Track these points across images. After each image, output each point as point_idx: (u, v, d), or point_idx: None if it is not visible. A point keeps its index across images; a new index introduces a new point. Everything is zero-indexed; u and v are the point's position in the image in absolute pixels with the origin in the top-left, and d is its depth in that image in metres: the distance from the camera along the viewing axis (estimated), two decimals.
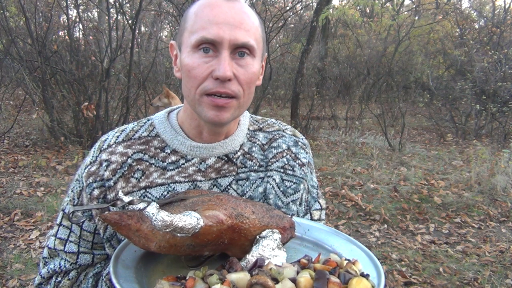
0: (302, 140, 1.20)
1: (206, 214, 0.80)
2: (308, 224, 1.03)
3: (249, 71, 0.94)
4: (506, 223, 4.69)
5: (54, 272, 1.08)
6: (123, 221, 0.80)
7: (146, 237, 0.79)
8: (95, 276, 1.06)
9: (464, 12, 15.35)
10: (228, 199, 0.87)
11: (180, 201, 0.87)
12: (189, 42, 0.93)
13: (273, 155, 1.12)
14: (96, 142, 1.11)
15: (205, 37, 0.90)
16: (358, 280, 0.72)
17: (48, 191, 5.00)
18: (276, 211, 0.93)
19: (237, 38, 0.91)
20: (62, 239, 1.07)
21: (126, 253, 0.87)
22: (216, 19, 0.90)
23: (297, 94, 9.46)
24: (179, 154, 1.05)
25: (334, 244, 0.97)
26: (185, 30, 0.95)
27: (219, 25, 0.90)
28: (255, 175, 1.09)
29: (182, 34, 0.97)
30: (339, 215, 4.73)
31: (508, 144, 7.67)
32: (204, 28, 0.91)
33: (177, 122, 1.08)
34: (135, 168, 1.03)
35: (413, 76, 12.62)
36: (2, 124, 7.70)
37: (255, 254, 0.83)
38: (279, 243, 0.86)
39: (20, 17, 8.09)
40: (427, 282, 3.41)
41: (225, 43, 0.90)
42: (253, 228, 0.86)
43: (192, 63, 0.92)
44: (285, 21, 10.39)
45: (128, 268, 0.83)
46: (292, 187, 1.12)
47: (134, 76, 8.02)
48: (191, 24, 0.94)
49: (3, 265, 3.43)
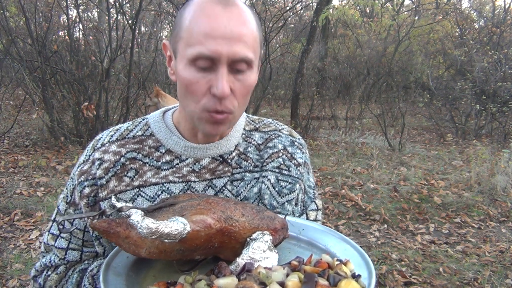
0: (299, 140, 1.20)
1: (193, 219, 0.79)
2: (302, 224, 1.02)
3: (246, 84, 0.93)
4: (506, 223, 4.69)
5: (45, 266, 1.10)
6: (112, 229, 0.80)
7: (135, 244, 0.80)
8: (81, 272, 1.07)
9: (464, 12, 15.35)
10: (218, 202, 0.87)
11: (169, 206, 0.87)
12: (185, 54, 0.90)
13: (269, 155, 1.12)
14: (91, 141, 1.11)
15: (203, 53, 0.87)
16: (347, 282, 0.71)
17: (48, 191, 5.00)
18: (268, 212, 0.92)
19: (236, 53, 0.88)
20: (54, 234, 1.09)
21: (118, 259, 0.87)
22: (213, 33, 0.86)
23: (297, 94, 9.46)
24: (173, 154, 1.05)
25: (328, 243, 0.96)
26: (181, 40, 0.91)
27: (217, 40, 0.86)
28: (250, 176, 1.09)
29: (177, 41, 0.94)
30: (339, 215, 4.74)
31: (508, 144, 7.67)
32: (201, 43, 0.87)
33: (172, 122, 1.08)
34: (128, 167, 1.03)
35: (413, 76, 12.61)
36: (2, 124, 7.70)
37: (245, 257, 0.82)
38: (270, 244, 0.85)
39: (20, 17, 8.09)
40: (427, 282, 3.41)
41: (223, 59, 0.87)
42: (243, 231, 0.85)
43: (190, 78, 0.90)
44: (285, 21, 10.39)
45: (120, 275, 0.83)
46: (288, 187, 1.12)
47: (134, 76, 8.03)
48: (187, 35, 0.90)
49: (3, 265, 3.43)
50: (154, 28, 14.38)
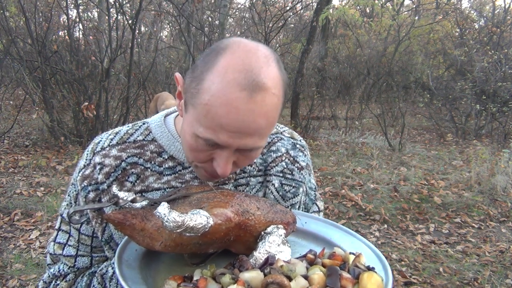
0: (300, 142, 1.19)
1: (214, 212, 0.78)
2: (305, 217, 1.04)
3: (251, 159, 0.91)
4: (506, 223, 4.69)
5: (54, 276, 1.08)
6: (127, 221, 0.77)
7: (151, 237, 0.77)
8: (90, 275, 1.05)
9: (464, 12, 15.35)
10: (233, 195, 0.86)
11: (183, 197, 0.85)
12: (195, 126, 0.84)
13: (273, 159, 1.11)
14: (89, 145, 1.09)
15: (213, 140, 0.83)
16: (369, 275, 0.72)
17: (48, 191, 5.00)
18: (279, 206, 0.93)
19: (246, 145, 0.84)
20: (61, 243, 1.07)
21: (128, 252, 0.85)
22: (229, 127, 0.80)
23: (297, 94, 9.46)
24: (176, 160, 1.03)
25: (333, 236, 0.97)
26: (196, 106, 0.83)
27: (231, 133, 0.81)
28: (254, 180, 1.08)
29: (191, 99, 0.85)
30: (339, 215, 4.73)
31: (508, 144, 7.67)
32: (214, 131, 0.81)
33: (174, 128, 1.06)
34: (129, 172, 1.01)
35: (413, 76, 12.62)
36: (2, 124, 7.70)
37: (262, 251, 0.82)
38: (284, 238, 0.86)
39: (20, 17, 8.09)
40: (427, 282, 3.41)
41: (232, 148, 0.84)
42: (259, 225, 0.86)
43: (195, 145, 0.86)
44: (285, 21, 10.39)
45: (133, 268, 0.81)
46: (292, 191, 1.12)
47: (134, 76, 8.03)
48: (202, 112, 0.82)
49: (3, 265, 3.43)
50: (154, 28, 14.38)
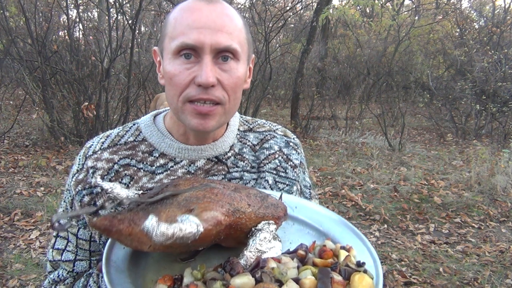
0: (294, 140, 1.19)
1: (204, 217, 0.77)
2: (295, 202, 1.03)
3: (234, 76, 0.92)
4: (506, 223, 4.69)
5: (54, 282, 1.09)
6: (114, 227, 0.75)
7: (139, 241, 0.75)
8: (87, 276, 1.06)
9: (464, 12, 15.34)
10: (223, 193, 0.85)
11: (171, 197, 0.83)
12: (169, 48, 0.90)
13: (265, 157, 1.11)
14: (81, 149, 1.09)
15: (185, 42, 0.87)
16: (361, 277, 0.72)
17: (48, 191, 5.00)
18: (271, 198, 0.92)
19: (219, 42, 0.88)
20: (60, 249, 1.07)
21: (116, 251, 0.84)
22: (196, 23, 0.87)
23: (297, 94, 9.46)
24: (167, 157, 1.03)
25: (323, 223, 0.97)
26: (166, 36, 0.93)
27: (200, 29, 0.87)
28: (248, 176, 1.08)
29: (163, 40, 0.94)
30: (339, 215, 4.73)
31: (508, 144, 7.67)
32: (184, 33, 0.88)
33: (164, 125, 1.07)
34: (122, 174, 1.01)
35: (413, 76, 12.62)
36: (2, 124, 7.70)
37: (252, 249, 0.81)
38: (274, 234, 0.85)
39: (20, 17, 8.10)
40: (427, 282, 3.41)
41: (206, 48, 0.87)
42: (249, 222, 0.84)
43: (173, 70, 0.90)
44: (285, 21, 10.39)
45: (122, 271, 0.80)
46: (285, 189, 1.12)
47: (134, 76, 8.03)
48: (171, 29, 0.91)
49: (3, 265, 3.43)
50: (154, 28, 14.37)
